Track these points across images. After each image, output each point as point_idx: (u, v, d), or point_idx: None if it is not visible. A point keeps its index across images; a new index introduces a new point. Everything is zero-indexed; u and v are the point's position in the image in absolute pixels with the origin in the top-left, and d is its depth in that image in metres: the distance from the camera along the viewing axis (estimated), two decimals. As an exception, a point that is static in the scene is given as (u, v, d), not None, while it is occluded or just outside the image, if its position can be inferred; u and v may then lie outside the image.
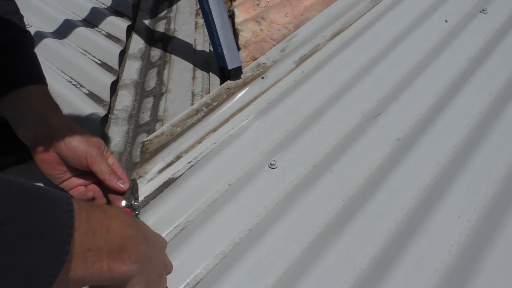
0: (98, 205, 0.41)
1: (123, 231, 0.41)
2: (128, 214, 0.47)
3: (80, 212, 0.36)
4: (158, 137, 0.83)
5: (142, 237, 0.45)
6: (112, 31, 1.19)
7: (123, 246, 0.41)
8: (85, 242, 0.36)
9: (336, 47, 0.98)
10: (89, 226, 0.37)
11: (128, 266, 0.41)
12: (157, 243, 0.50)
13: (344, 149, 0.76)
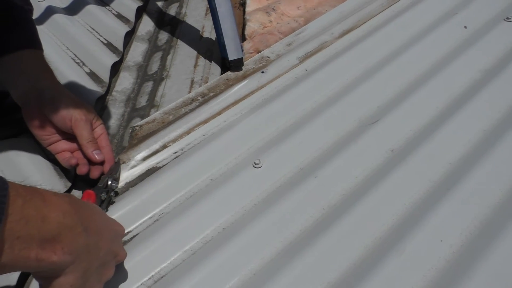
0: (40, 193, 0.40)
1: (61, 221, 0.40)
2: (77, 202, 0.46)
3: (15, 199, 0.36)
4: (149, 124, 0.82)
5: (84, 227, 0.44)
6: (122, 11, 1.18)
7: (58, 236, 0.40)
8: (15, 230, 0.35)
9: (343, 46, 0.94)
10: (23, 214, 0.36)
11: (59, 257, 0.40)
12: (105, 233, 0.49)
13: (333, 154, 0.73)
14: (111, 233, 0.52)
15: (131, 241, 0.64)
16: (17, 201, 0.36)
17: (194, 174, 0.72)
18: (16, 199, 0.36)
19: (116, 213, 0.67)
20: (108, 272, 0.51)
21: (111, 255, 0.51)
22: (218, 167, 0.73)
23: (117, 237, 0.54)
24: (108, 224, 0.52)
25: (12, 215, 0.35)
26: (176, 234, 0.64)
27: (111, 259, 0.51)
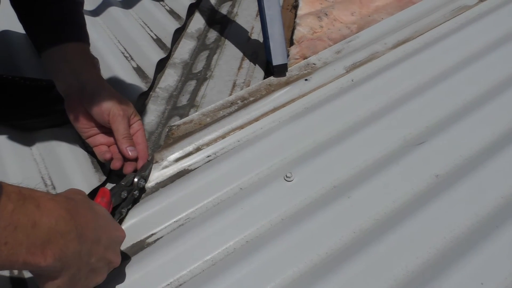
0: (34, 198, 0.40)
1: (53, 227, 0.40)
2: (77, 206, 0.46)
3: (5, 204, 0.36)
4: (186, 124, 0.82)
5: (78, 234, 0.44)
6: (175, 7, 1.19)
7: (48, 242, 0.40)
8: (2, 236, 0.35)
9: (396, 58, 0.89)
10: (12, 219, 0.36)
11: (47, 263, 0.40)
12: (101, 240, 0.49)
13: (371, 175, 0.68)
14: (108, 240, 0.51)
15: (155, 244, 0.64)
16: (7, 207, 0.36)
17: (224, 180, 0.71)
18: (7, 204, 0.36)
19: (143, 213, 0.67)
20: (98, 278, 0.50)
21: (104, 262, 0.50)
22: (248, 176, 0.71)
23: (114, 244, 0.53)
24: (107, 230, 0.51)
25: (0, 220, 0.35)
26: (199, 242, 0.63)
27: (103, 265, 0.50)
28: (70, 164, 0.76)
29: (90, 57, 0.75)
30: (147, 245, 0.64)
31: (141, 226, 0.66)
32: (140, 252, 0.63)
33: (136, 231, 0.65)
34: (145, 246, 0.63)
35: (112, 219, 0.56)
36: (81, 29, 0.76)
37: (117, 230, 0.55)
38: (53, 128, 0.82)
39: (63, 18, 0.74)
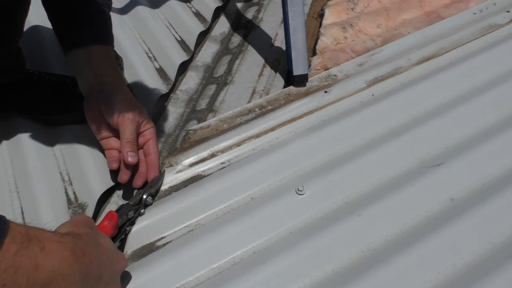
0: (40, 240, 0.40)
1: (56, 270, 0.40)
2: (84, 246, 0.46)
3: (9, 246, 0.36)
4: (203, 129, 0.82)
5: (83, 275, 0.43)
6: (201, 10, 1.20)
7: (49, 284, 0.40)
8: (1, 278, 0.35)
9: (419, 74, 0.87)
10: (14, 261, 0.36)
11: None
12: (104, 276, 0.49)
13: (384, 193, 0.68)
14: (110, 275, 0.51)
15: (163, 248, 0.64)
16: (10, 249, 0.36)
17: (236, 189, 0.71)
18: (10, 246, 0.36)
19: (155, 216, 0.68)
20: None
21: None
22: (261, 186, 0.71)
23: (115, 276, 0.53)
24: (110, 265, 0.51)
25: (1, 263, 0.35)
26: (207, 249, 0.64)
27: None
28: (88, 162, 0.78)
29: (112, 59, 0.77)
30: (156, 248, 0.65)
31: (151, 228, 0.67)
32: (148, 254, 0.64)
33: (147, 233, 0.66)
34: (154, 249, 0.64)
35: (116, 250, 0.56)
36: (106, 32, 0.78)
37: (119, 261, 0.54)
38: (75, 124, 0.84)
39: (90, 20, 0.76)
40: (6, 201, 0.72)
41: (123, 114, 0.69)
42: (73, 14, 0.76)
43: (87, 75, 0.74)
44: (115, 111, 0.70)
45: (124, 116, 0.69)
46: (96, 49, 0.74)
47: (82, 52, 0.74)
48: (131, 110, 0.70)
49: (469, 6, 1.04)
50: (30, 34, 1.04)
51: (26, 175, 0.75)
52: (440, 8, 1.05)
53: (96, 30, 0.76)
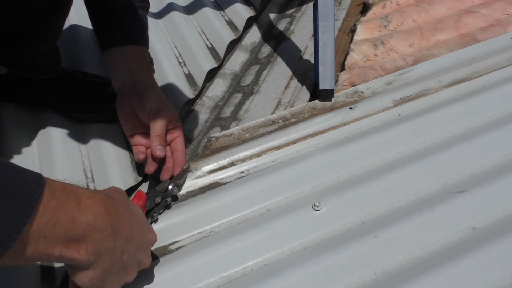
0: (77, 195, 0.42)
1: (91, 223, 0.42)
2: (115, 204, 0.48)
3: (49, 201, 0.38)
4: (225, 137, 0.83)
5: (113, 231, 0.46)
6: (234, 19, 1.22)
7: (84, 237, 0.42)
8: (42, 230, 0.38)
9: (449, 97, 0.85)
10: (54, 215, 0.39)
11: (81, 256, 0.42)
12: (134, 240, 0.51)
13: (403, 216, 0.66)
14: (141, 241, 0.53)
15: (176, 252, 0.65)
16: (50, 204, 0.38)
17: (252, 199, 0.71)
18: (50, 201, 0.38)
19: (171, 220, 0.69)
20: (128, 276, 0.52)
21: (135, 261, 0.52)
22: (277, 199, 0.71)
23: (145, 245, 0.55)
24: (141, 231, 0.54)
25: (42, 216, 0.37)
26: (219, 257, 0.64)
27: (134, 264, 0.52)
28: (111, 161, 0.80)
29: (146, 60, 0.80)
30: (169, 252, 0.65)
31: (166, 232, 0.68)
32: (161, 257, 0.65)
33: (161, 236, 0.66)
34: (167, 253, 0.65)
35: (146, 221, 0.59)
36: (142, 33, 0.82)
37: (150, 233, 0.57)
38: (103, 124, 0.87)
39: (128, 22, 0.80)
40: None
41: (155, 110, 0.72)
42: (114, 15, 0.79)
43: (122, 73, 0.77)
44: (147, 106, 0.72)
45: (155, 112, 0.72)
46: (132, 49, 0.78)
47: (119, 51, 0.77)
48: (163, 107, 0.73)
49: (508, 30, 1.01)
50: (68, 33, 1.08)
51: (51, 168, 0.78)
52: (476, 30, 1.02)
53: (133, 31, 0.80)
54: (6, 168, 0.36)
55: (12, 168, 0.37)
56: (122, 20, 0.80)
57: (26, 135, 0.82)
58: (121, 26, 0.80)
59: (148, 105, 0.73)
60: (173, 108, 0.77)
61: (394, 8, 1.13)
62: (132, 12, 0.81)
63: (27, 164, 0.79)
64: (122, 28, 0.79)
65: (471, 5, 1.10)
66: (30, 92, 0.85)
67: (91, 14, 0.83)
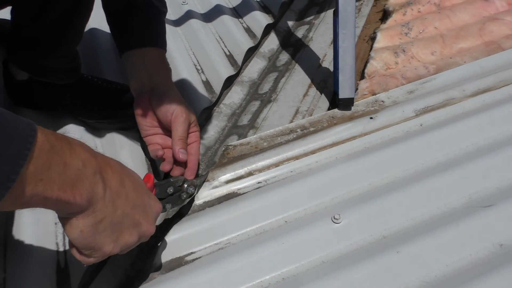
0: (68, 141, 0.43)
1: (80, 168, 0.43)
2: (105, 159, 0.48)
3: (43, 144, 0.39)
4: (243, 146, 0.82)
5: (103, 182, 0.46)
6: (252, 26, 1.21)
7: (77, 182, 0.42)
8: (38, 173, 0.39)
9: (473, 107, 0.82)
10: (48, 158, 0.40)
11: (75, 200, 0.42)
12: (128, 197, 0.50)
13: (426, 231, 0.64)
14: (138, 201, 0.52)
15: (192, 263, 0.64)
16: (44, 147, 0.39)
17: (270, 210, 0.70)
18: (44, 144, 0.39)
19: (187, 231, 0.68)
20: (125, 237, 0.50)
21: (131, 221, 0.51)
22: (295, 210, 0.69)
23: (144, 208, 0.53)
24: (137, 191, 0.52)
25: (38, 159, 0.38)
26: (235, 270, 0.62)
27: (130, 224, 0.51)
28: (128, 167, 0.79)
29: (165, 62, 0.80)
30: (185, 263, 0.64)
31: (182, 242, 0.67)
32: (177, 268, 0.64)
33: (177, 247, 0.66)
34: (183, 264, 0.64)
35: (147, 189, 0.57)
36: (160, 36, 0.82)
37: (150, 199, 0.56)
38: (120, 130, 0.87)
39: (146, 24, 0.80)
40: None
41: (177, 112, 0.72)
42: (132, 17, 0.79)
43: (141, 75, 0.76)
44: (169, 109, 0.72)
45: (178, 115, 0.72)
46: (151, 52, 0.78)
47: (137, 53, 0.77)
48: (184, 110, 0.73)
49: (534, 38, 0.98)
50: (87, 40, 1.08)
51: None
52: (501, 38, 1.00)
53: (151, 33, 0.80)
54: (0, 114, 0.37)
55: (5, 113, 0.38)
56: (140, 23, 0.80)
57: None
58: (140, 28, 0.80)
59: (170, 108, 0.73)
60: (193, 112, 0.77)
61: (415, 15, 1.11)
62: (151, 14, 0.82)
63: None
64: (140, 31, 0.80)
65: (496, 12, 1.07)
66: (49, 98, 0.86)
67: (109, 17, 0.84)
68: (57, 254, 0.67)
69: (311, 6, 1.35)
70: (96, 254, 0.48)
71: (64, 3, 0.75)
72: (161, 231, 0.72)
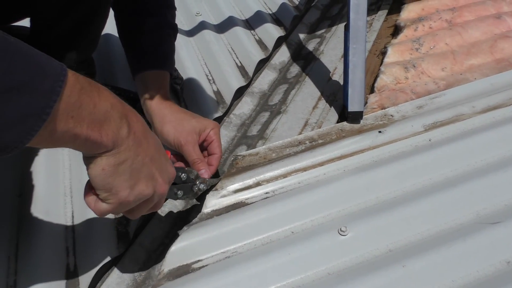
0: (97, 84, 0.46)
1: (109, 111, 0.46)
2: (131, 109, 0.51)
3: (74, 84, 0.42)
4: (252, 156, 0.83)
5: (128, 124, 0.48)
6: (264, 38, 1.23)
7: (104, 122, 0.45)
8: (70, 110, 0.41)
9: (483, 124, 0.83)
10: (79, 98, 0.42)
11: (102, 139, 0.45)
12: (150, 148, 0.52)
13: (433, 246, 0.64)
14: (156, 156, 0.53)
15: (199, 271, 0.65)
16: (75, 86, 0.42)
17: (277, 221, 0.70)
18: (75, 84, 0.42)
19: (194, 238, 0.69)
20: (141, 186, 0.52)
21: (148, 172, 0.52)
22: (302, 221, 0.70)
23: (159, 164, 0.55)
24: (157, 148, 0.54)
25: (69, 97, 0.41)
26: (241, 279, 0.63)
27: (148, 174, 0.52)
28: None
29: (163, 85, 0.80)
30: (192, 271, 0.65)
31: (189, 250, 0.67)
32: (184, 276, 0.64)
33: (184, 254, 0.67)
34: (189, 271, 0.65)
35: (165, 153, 0.58)
36: (166, 58, 0.83)
37: (167, 161, 0.57)
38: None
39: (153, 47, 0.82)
40: (60, 203, 0.76)
41: (180, 140, 0.73)
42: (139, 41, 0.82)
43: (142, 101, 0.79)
44: (170, 141, 0.74)
45: (181, 142, 0.73)
46: (153, 75, 0.80)
47: (143, 76, 0.80)
48: (186, 133, 0.73)
49: (545, 56, 0.98)
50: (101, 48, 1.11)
51: (81, 181, 0.79)
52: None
53: (158, 56, 0.82)
54: (34, 51, 0.40)
55: (38, 52, 0.40)
56: (146, 47, 0.82)
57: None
58: (144, 54, 0.82)
59: (171, 140, 0.74)
60: (197, 118, 0.77)
61: (426, 31, 1.12)
62: (158, 37, 0.84)
63: (58, 174, 0.81)
64: (144, 55, 0.82)
65: (507, 29, 1.08)
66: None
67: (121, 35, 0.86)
68: (67, 258, 0.68)
69: (323, 19, 1.36)
70: (112, 199, 0.50)
71: (80, 11, 0.77)
72: (168, 238, 0.73)
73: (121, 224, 0.73)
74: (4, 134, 0.38)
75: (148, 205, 0.55)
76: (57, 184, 0.79)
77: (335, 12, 1.39)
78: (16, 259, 0.68)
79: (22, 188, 0.78)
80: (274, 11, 1.37)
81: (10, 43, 0.38)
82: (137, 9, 0.84)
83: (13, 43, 0.38)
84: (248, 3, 1.39)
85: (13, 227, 0.72)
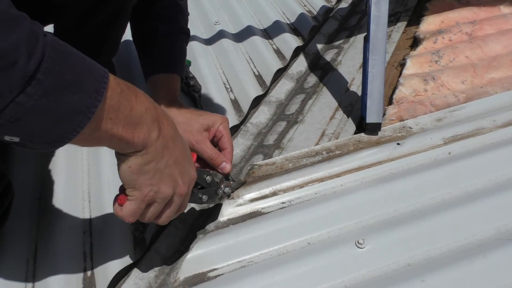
0: (134, 88, 0.49)
1: (143, 115, 0.48)
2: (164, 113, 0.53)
3: (115, 87, 0.45)
4: (268, 166, 0.83)
5: (159, 128, 0.51)
6: (282, 47, 1.23)
7: (138, 125, 0.48)
8: (110, 112, 0.44)
9: (504, 138, 0.81)
10: (118, 100, 0.45)
11: (135, 141, 0.47)
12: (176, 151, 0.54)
13: (452, 261, 0.63)
14: (178, 159, 0.55)
15: (214, 280, 0.65)
16: (116, 89, 0.45)
17: (293, 231, 0.70)
18: (116, 87, 0.45)
19: (210, 247, 0.69)
20: (162, 186, 0.54)
21: (169, 173, 0.54)
22: (319, 233, 0.69)
23: (182, 168, 0.56)
24: (183, 151, 0.57)
25: (110, 99, 0.44)
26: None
27: (169, 176, 0.54)
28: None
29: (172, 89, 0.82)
30: (207, 279, 0.65)
31: (205, 258, 0.67)
32: (199, 284, 0.64)
33: (200, 262, 0.67)
34: (205, 280, 0.65)
35: (190, 157, 0.60)
36: (176, 63, 0.85)
37: (190, 165, 0.59)
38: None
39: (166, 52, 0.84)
40: (78, 208, 0.77)
41: (190, 141, 0.73)
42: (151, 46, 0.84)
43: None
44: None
45: (192, 142, 0.73)
46: (164, 78, 0.82)
47: (154, 79, 0.82)
48: (194, 131, 0.73)
49: None
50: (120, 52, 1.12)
51: (99, 186, 0.80)
52: (534, 69, 0.98)
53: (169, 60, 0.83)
54: (81, 53, 0.42)
55: (83, 55, 0.43)
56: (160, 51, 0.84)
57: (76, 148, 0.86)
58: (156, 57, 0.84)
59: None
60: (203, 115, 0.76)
61: (446, 44, 1.11)
62: (170, 42, 0.86)
63: (77, 179, 0.82)
64: (156, 59, 0.84)
65: (529, 43, 1.06)
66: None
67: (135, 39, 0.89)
68: (84, 263, 0.68)
69: (341, 30, 1.36)
70: (135, 194, 0.52)
71: (102, 17, 0.79)
72: (184, 245, 0.73)
73: (138, 230, 0.73)
74: (54, 129, 0.40)
75: (171, 207, 0.57)
76: (76, 189, 0.80)
77: (353, 22, 1.39)
78: (34, 261, 0.68)
79: (41, 191, 0.79)
80: (293, 21, 1.37)
81: (62, 45, 0.40)
82: (153, 15, 0.86)
83: (63, 45, 0.40)
84: (266, 13, 1.40)
85: (32, 229, 0.73)
